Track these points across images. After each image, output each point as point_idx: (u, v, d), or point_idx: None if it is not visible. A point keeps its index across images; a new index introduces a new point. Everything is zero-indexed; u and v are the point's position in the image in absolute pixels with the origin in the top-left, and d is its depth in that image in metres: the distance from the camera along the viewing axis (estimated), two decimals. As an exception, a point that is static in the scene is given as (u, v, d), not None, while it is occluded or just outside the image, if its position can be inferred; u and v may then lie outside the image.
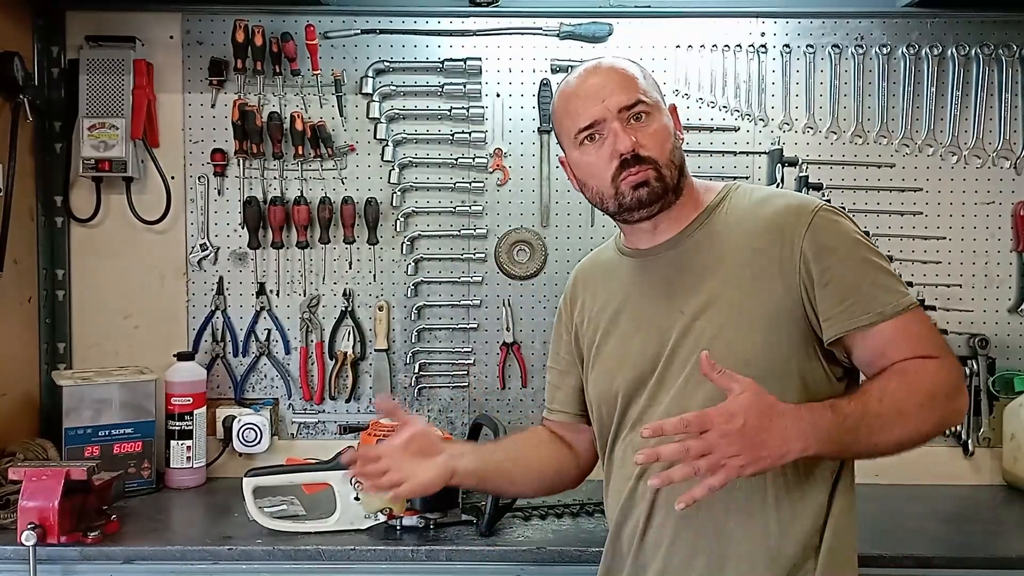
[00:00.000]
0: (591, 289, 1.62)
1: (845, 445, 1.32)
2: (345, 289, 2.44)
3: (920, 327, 1.39)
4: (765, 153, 2.40)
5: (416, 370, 2.44)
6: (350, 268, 2.44)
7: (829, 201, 1.61)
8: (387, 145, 2.41)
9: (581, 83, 1.49)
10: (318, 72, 2.38)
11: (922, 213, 2.40)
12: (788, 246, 1.39)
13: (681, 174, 1.47)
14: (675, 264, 1.48)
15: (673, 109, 1.51)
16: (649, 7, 2.39)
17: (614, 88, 1.45)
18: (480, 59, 2.40)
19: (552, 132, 2.37)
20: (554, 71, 2.41)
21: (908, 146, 2.40)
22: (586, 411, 1.65)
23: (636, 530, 1.49)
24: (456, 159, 2.42)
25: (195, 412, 2.28)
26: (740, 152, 2.40)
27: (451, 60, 2.40)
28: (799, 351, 1.39)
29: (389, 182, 2.42)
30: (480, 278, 2.43)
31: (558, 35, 2.40)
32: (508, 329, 2.43)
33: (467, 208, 2.43)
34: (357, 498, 1.89)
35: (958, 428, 2.37)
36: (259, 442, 2.34)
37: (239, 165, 2.41)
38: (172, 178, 2.41)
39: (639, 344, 1.50)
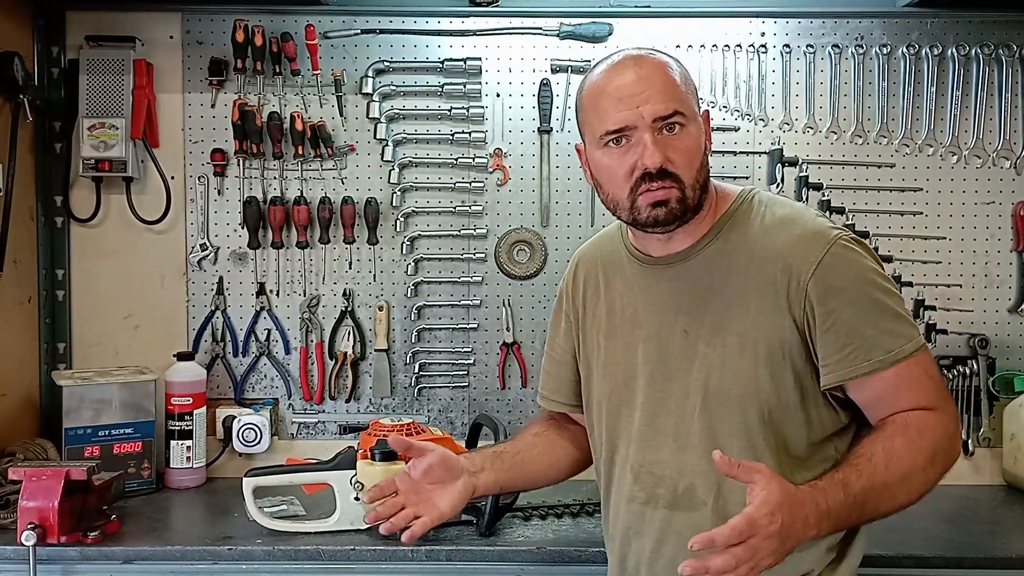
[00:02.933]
0: (594, 281, 1.58)
1: (852, 521, 1.32)
2: (345, 289, 2.44)
3: (921, 374, 1.36)
4: (765, 153, 2.40)
5: (416, 370, 2.44)
6: (350, 268, 2.44)
7: (842, 220, 1.50)
8: (387, 145, 2.41)
9: (615, 78, 1.37)
10: (318, 72, 2.38)
11: (922, 213, 2.40)
12: (795, 280, 1.34)
13: (704, 190, 1.40)
14: (684, 279, 1.43)
15: (706, 116, 1.43)
16: (649, 7, 2.39)
17: (652, 94, 1.34)
18: (480, 59, 2.40)
19: (552, 132, 2.41)
20: (554, 71, 2.41)
21: (908, 146, 2.40)
22: (579, 401, 1.63)
23: (643, 558, 1.47)
24: (456, 159, 2.42)
25: (195, 412, 2.28)
26: (740, 152, 2.40)
27: (451, 60, 2.40)
28: (804, 386, 1.36)
29: (389, 182, 2.42)
30: (480, 278, 2.43)
31: (558, 35, 2.40)
32: (508, 329, 2.43)
33: (467, 208, 2.43)
34: (357, 498, 1.89)
35: (958, 428, 2.37)
36: (259, 442, 2.34)
37: (239, 165, 2.41)
38: (172, 178, 2.41)
39: (642, 357, 1.46)
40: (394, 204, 2.42)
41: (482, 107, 2.41)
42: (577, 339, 1.62)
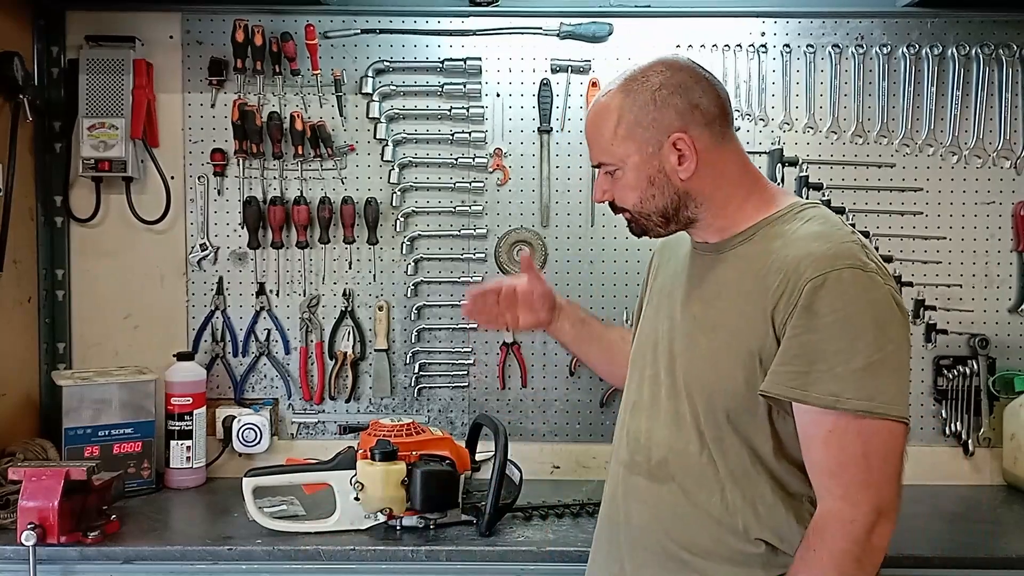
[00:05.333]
0: (665, 257, 1.66)
1: None
2: (345, 289, 2.44)
3: (857, 443, 1.27)
4: (765, 153, 2.40)
5: (416, 370, 2.44)
6: (350, 268, 2.44)
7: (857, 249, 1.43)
8: (387, 145, 2.41)
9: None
10: (318, 72, 2.38)
11: (922, 213, 2.40)
12: (788, 294, 1.32)
13: (676, 212, 1.46)
14: (710, 269, 1.48)
15: (675, 142, 1.42)
16: (649, 7, 2.39)
17: (590, 144, 1.51)
18: (480, 59, 2.40)
19: (552, 132, 2.41)
20: (554, 71, 2.41)
21: (908, 146, 2.40)
22: None
23: (620, 520, 1.53)
24: (456, 159, 2.42)
25: (195, 412, 2.28)
26: (740, 152, 2.39)
27: (451, 60, 2.40)
28: (772, 400, 1.36)
29: (389, 182, 2.42)
30: (480, 278, 2.43)
31: (558, 35, 2.40)
32: (508, 329, 2.43)
33: (467, 208, 2.43)
34: (357, 498, 1.89)
35: (958, 428, 2.37)
36: (259, 442, 2.34)
37: (239, 165, 2.41)
38: (172, 178, 2.41)
39: (661, 332, 1.53)
40: (394, 204, 2.42)
41: (482, 107, 2.41)
42: (641, 305, 1.71)
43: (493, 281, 1.81)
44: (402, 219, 2.42)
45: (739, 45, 2.40)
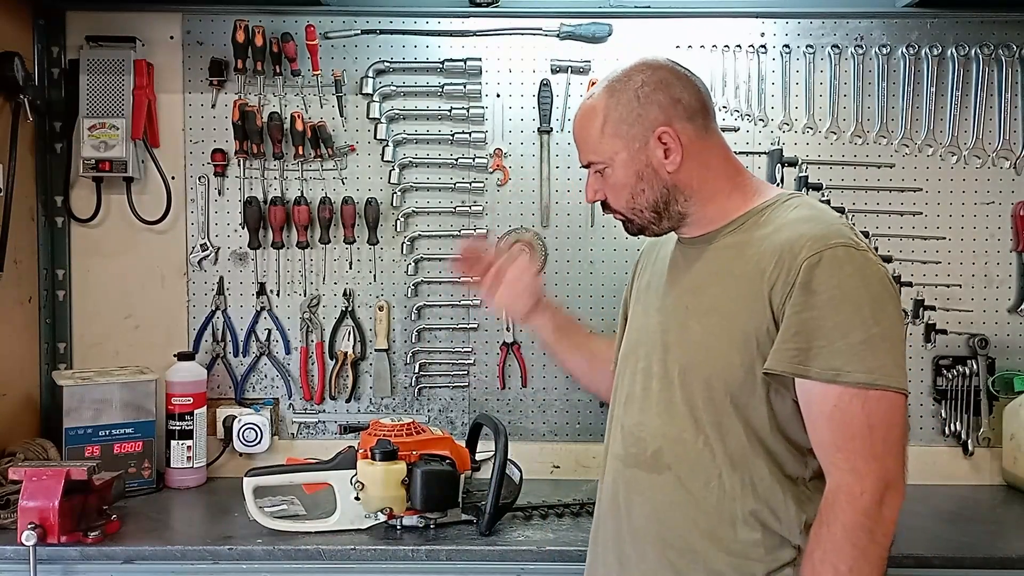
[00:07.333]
0: (650, 257, 1.68)
1: None
2: (345, 289, 2.44)
3: (861, 415, 1.29)
4: (765, 153, 2.40)
5: (416, 370, 2.44)
6: (350, 268, 2.44)
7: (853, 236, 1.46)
8: (387, 145, 2.41)
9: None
10: (318, 72, 2.39)
11: (922, 213, 2.40)
12: (784, 274, 1.35)
13: (666, 206, 1.49)
14: (701, 259, 1.50)
15: (660, 136, 1.46)
16: (649, 7, 2.39)
17: (578, 145, 1.56)
18: (480, 59, 2.40)
19: (552, 132, 2.42)
20: (554, 71, 2.41)
21: (908, 146, 2.40)
22: None
23: (620, 514, 1.53)
24: (456, 159, 2.42)
25: (195, 412, 2.29)
26: (740, 152, 2.38)
27: (451, 60, 2.40)
28: (772, 378, 1.37)
29: (389, 182, 2.42)
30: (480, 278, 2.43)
31: (558, 35, 2.40)
32: (508, 329, 2.43)
33: (467, 208, 2.43)
34: (357, 498, 1.89)
35: (957, 428, 2.37)
36: (259, 442, 2.35)
37: (239, 165, 2.41)
38: (172, 178, 2.41)
39: (652, 326, 1.54)
40: (394, 204, 2.42)
41: (482, 107, 2.41)
42: (626, 306, 1.73)
43: (493, 253, 1.83)
44: (402, 219, 2.42)
45: (739, 45, 2.40)
